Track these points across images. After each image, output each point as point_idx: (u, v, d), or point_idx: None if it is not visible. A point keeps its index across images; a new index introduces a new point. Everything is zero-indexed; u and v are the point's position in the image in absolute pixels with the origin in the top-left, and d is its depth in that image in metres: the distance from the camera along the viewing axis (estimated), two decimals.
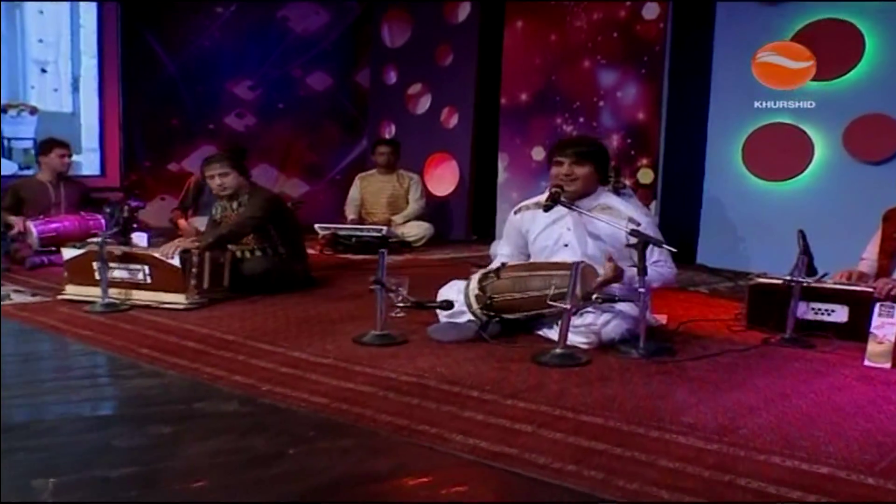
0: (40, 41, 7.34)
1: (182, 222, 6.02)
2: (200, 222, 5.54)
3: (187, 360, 2.93)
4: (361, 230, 6.22)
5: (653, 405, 2.44)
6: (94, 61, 7.49)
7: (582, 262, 3.14)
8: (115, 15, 7.36)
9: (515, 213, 3.63)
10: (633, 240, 3.07)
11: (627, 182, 5.82)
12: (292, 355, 3.01)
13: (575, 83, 6.43)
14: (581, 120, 6.40)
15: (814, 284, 3.36)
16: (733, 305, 4.06)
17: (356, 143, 8.42)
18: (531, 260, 3.55)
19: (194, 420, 2.34)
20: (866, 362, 3.00)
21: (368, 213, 6.75)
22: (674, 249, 3.24)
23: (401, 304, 3.40)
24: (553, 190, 3.33)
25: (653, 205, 5.92)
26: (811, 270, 3.35)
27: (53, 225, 5.26)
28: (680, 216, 5.81)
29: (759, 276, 3.71)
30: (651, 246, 3.10)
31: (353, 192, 6.81)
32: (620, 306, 3.18)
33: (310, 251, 5.96)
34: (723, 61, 5.51)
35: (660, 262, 3.30)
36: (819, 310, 3.42)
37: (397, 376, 2.72)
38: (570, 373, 2.79)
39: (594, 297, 3.05)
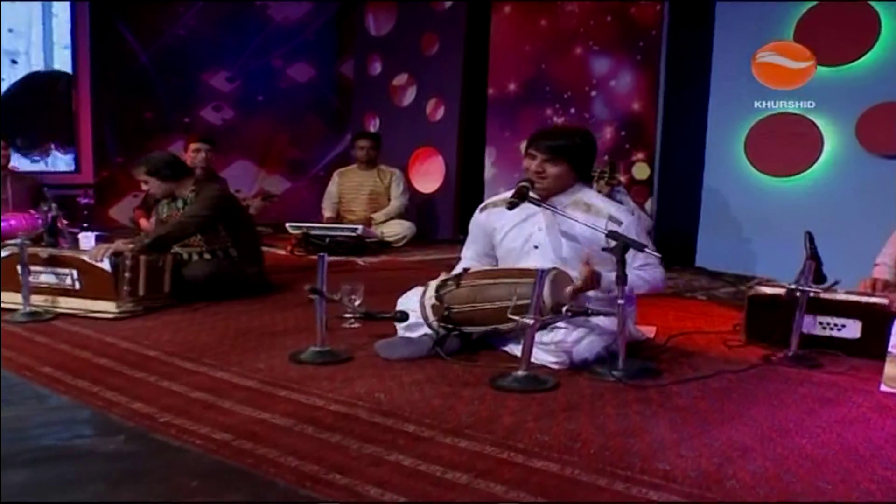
0: (10, 31, 7.00)
1: (143, 222, 5.62)
2: None
3: (90, 381, 2.53)
4: (335, 229, 5.81)
5: (623, 445, 2.01)
6: (68, 52, 7.16)
7: (553, 269, 2.73)
8: (87, 3, 7.01)
9: (481, 210, 3.19)
10: (612, 242, 2.64)
11: (622, 178, 5.38)
12: (213, 376, 2.60)
13: (566, 71, 5.99)
14: (572, 111, 5.96)
15: (822, 295, 2.90)
16: (732, 315, 3.63)
17: (340, 138, 8.01)
18: (500, 264, 3.13)
19: (63, 462, 1.93)
20: (883, 387, 2.55)
21: (347, 210, 6.36)
22: (658, 255, 2.81)
23: (348, 315, 2.99)
24: (521, 185, 2.90)
25: (649, 202, 5.48)
26: (819, 277, 2.91)
27: None
28: (678, 215, 5.39)
29: (759, 283, 3.25)
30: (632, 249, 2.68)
31: (331, 189, 6.42)
32: (597, 320, 2.75)
33: (279, 251, 5.60)
34: (725, 46, 5.05)
35: (646, 266, 2.88)
36: (827, 324, 2.96)
37: (325, 404, 2.30)
38: (530, 401, 2.35)
39: (564, 309, 2.61)
